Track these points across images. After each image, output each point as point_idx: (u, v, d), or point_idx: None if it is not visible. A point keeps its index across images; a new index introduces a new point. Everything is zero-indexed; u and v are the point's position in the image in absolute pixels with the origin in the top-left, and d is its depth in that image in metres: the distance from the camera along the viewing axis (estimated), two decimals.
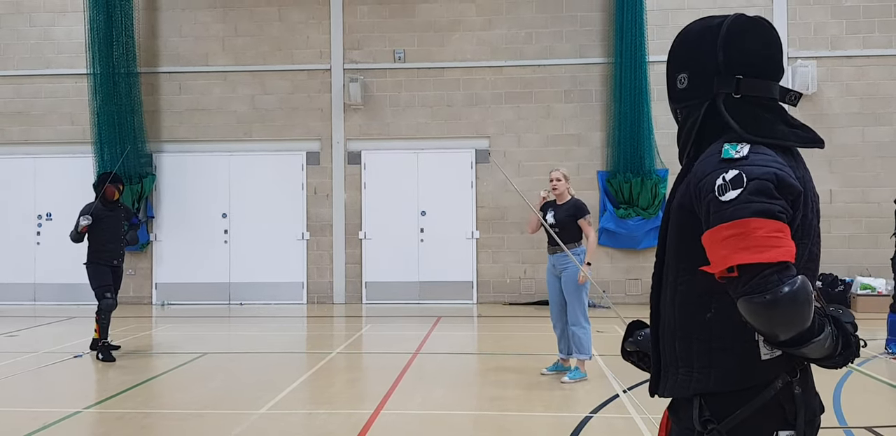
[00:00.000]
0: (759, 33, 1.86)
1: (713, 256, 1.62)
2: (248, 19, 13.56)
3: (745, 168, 1.65)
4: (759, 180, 1.63)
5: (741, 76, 1.81)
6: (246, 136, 13.52)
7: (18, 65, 13.81)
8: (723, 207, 1.62)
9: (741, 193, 1.62)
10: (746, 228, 1.58)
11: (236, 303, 13.35)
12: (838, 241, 12.66)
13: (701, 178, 1.72)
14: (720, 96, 1.82)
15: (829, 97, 12.77)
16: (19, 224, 13.62)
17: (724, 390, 1.70)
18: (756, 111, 1.79)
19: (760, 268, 1.56)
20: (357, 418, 5.44)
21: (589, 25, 13.15)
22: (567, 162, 12.97)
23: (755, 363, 1.69)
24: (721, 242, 1.61)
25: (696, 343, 1.75)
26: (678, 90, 1.90)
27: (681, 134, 1.91)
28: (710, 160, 1.73)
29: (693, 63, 1.87)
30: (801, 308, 1.56)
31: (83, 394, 6.33)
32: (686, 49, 1.91)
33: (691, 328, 1.77)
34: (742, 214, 1.60)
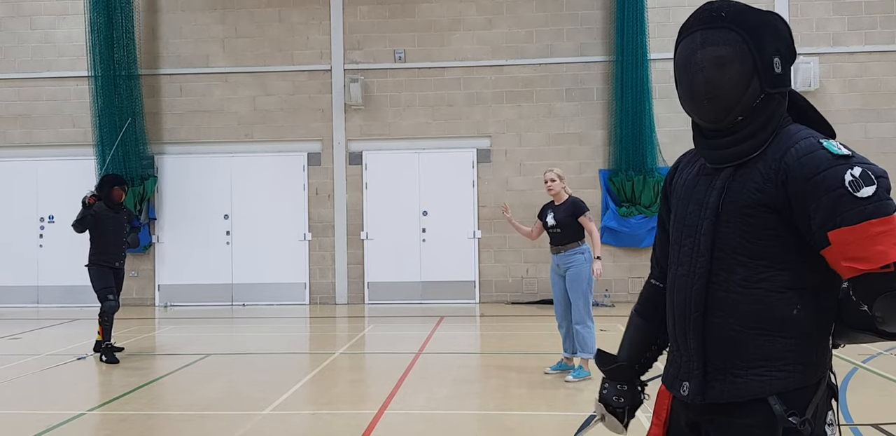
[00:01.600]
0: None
1: (865, 253, 1.59)
2: (248, 20, 13.56)
3: (867, 166, 1.66)
4: (882, 178, 1.65)
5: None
6: (247, 137, 13.51)
7: (19, 68, 13.81)
8: (862, 203, 1.60)
9: (877, 189, 1.62)
10: (894, 225, 1.60)
11: (239, 304, 13.34)
12: None
13: (814, 173, 1.66)
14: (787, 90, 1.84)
15: (831, 93, 12.74)
16: (21, 227, 13.63)
17: (802, 385, 1.72)
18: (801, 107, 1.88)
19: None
20: (361, 419, 5.43)
21: (589, 24, 13.13)
22: (568, 161, 12.97)
23: (827, 355, 1.76)
24: (874, 238, 1.59)
25: (780, 340, 1.72)
26: (776, 75, 1.78)
27: (748, 122, 1.78)
28: (817, 156, 1.69)
29: (783, 50, 1.80)
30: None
31: (87, 396, 6.33)
32: (777, 35, 1.80)
33: (773, 325, 1.73)
34: (887, 211, 1.60)
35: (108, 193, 8.03)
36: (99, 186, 8.22)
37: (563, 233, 6.71)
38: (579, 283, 6.60)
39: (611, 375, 2.10)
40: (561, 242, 6.74)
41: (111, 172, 13.14)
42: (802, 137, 1.73)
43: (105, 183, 8.15)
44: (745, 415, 1.75)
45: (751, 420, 1.74)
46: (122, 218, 8.17)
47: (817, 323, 1.72)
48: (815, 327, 1.73)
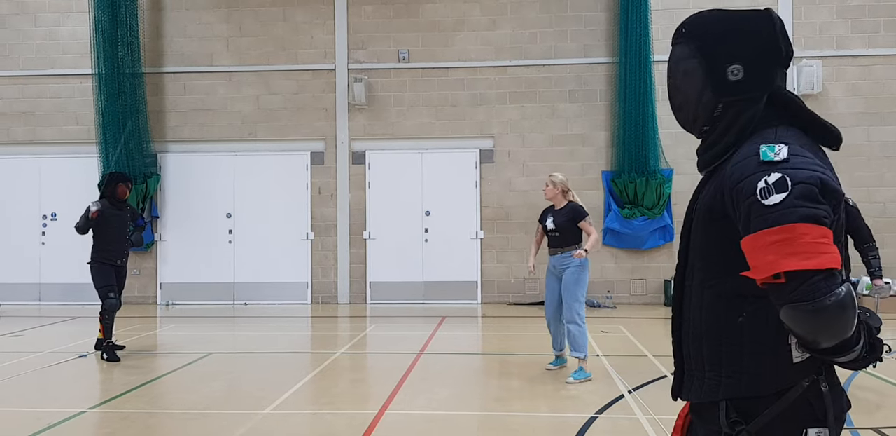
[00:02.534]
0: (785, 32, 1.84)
1: (757, 261, 1.56)
2: (252, 19, 13.58)
3: (789, 171, 1.60)
4: (804, 184, 1.58)
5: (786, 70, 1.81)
6: (250, 136, 13.53)
7: (23, 65, 13.84)
8: (767, 211, 1.57)
9: (786, 197, 1.56)
10: (793, 234, 1.53)
11: (241, 303, 13.36)
12: None
13: (738, 180, 1.66)
14: (778, 90, 1.78)
15: (834, 97, 12.74)
16: (24, 224, 13.65)
17: (754, 394, 1.68)
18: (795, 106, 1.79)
19: (809, 275, 1.51)
20: (362, 419, 5.43)
21: (593, 25, 13.14)
22: (571, 162, 12.97)
23: (787, 366, 1.67)
24: (766, 248, 1.55)
25: (727, 347, 1.73)
26: (729, 82, 1.76)
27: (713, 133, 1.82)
28: (747, 163, 1.67)
29: (751, 54, 1.76)
30: (846, 317, 1.52)
31: (88, 394, 6.34)
32: (739, 38, 1.77)
33: (721, 332, 1.74)
34: (788, 219, 1.54)
35: (113, 189, 7.98)
36: (104, 183, 8.20)
37: (561, 236, 6.91)
38: (574, 284, 6.75)
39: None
40: (559, 245, 6.93)
41: (115, 170, 13.25)
42: (754, 142, 1.71)
43: (110, 180, 8.10)
44: (707, 417, 1.77)
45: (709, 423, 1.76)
46: (126, 215, 8.13)
47: (765, 332, 1.68)
48: (763, 336, 1.68)
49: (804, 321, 1.52)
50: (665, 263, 12.84)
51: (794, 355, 1.66)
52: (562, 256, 6.87)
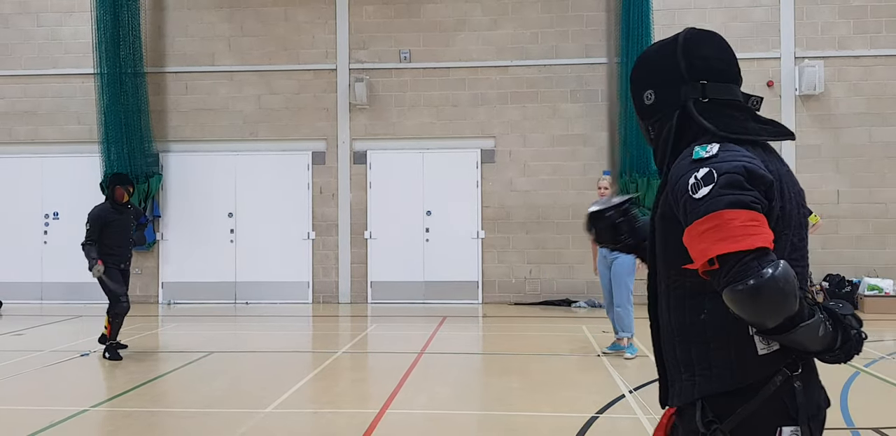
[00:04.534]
0: (714, 41, 1.95)
1: (693, 252, 1.62)
2: (254, 19, 13.59)
3: (715, 165, 1.68)
4: (728, 174, 1.65)
5: (705, 81, 1.87)
6: (252, 135, 13.54)
7: (25, 65, 13.85)
8: (697, 204, 1.64)
9: (713, 188, 1.64)
10: (721, 220, 1.59)
11: (242, 302, 13.37)
12: (845, 241, 12.62)
13: (676, 181, 1.75)
14: (689, 102, 1.87)
15: (836, 97, 12.74)
16: (26, 223, 13.67)
17: (726, 389, 1.71)
18: (726, 112, 1.85)
19: (740, 256, 1.55)
20: (363, 418, 5.44)
21: (594, 25, 13.14)
22: (573, 162, 12.98)
23: (753, 359, 1.69)
24: (699, 237, 1.61)
25: (695, 346, 1.77)
26: (646, 107, 1.94)
27: (657, 149, 1.95)
28: (682, 163, 1.77)
29: (657, 78, 1.92)
30: (784, 291, 1.54)
31: (90, 392, 6.35)
32: (648, 67, 1.96)
33: (688, 332, 1.79)
34: (717, 207, 1.61)
35: (112, 192, 7.94)
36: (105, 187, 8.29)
37: None
38: (622, 272, 7.50)
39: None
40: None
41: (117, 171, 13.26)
42: (693, 145, 1.80)
43: (110, 182, 8.09)
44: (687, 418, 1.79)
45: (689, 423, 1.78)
46: (129, 218, 8.05)
47: (726, 327, 1.71)
48: (724, 331, 1.72)
49: (744, 301, 1.54)
50: None
51: (758, 347, 1.68)
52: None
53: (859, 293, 11.96)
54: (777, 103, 12.78)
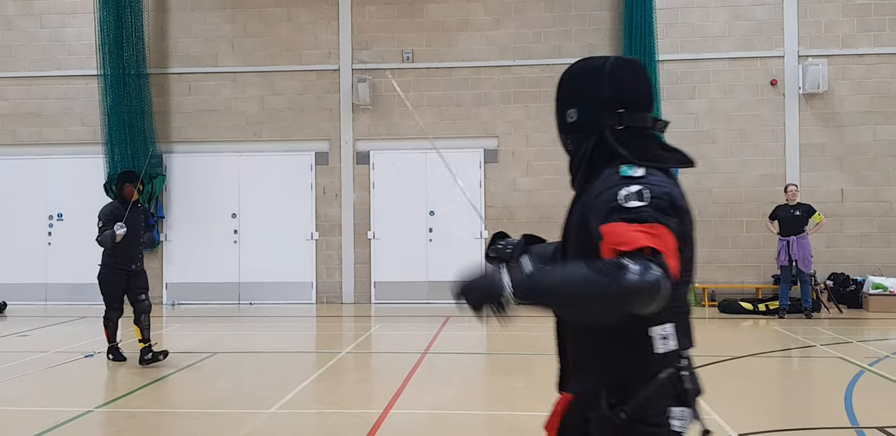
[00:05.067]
0: (636, 72, 2.11)
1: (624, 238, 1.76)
2: (256, 20, 13.60)
3: (647, 185, 1.86)
4: (658, 199, 1.84)
5: (623, 110, 2.04)
6: (255, 136, 13.55)
7: (29, 66, 13.88)
8: (628, 211, 1.81)
9: (644, 205, 1.82)
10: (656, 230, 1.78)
11: (246, 303, 13.38)
12: (850, 240, 12.60)
13: (600, 193, 1.91)
14: (607, 129, 2.04)
15: (840, 96, 12.71)
16: (31, 225, 13.70)
17: (627, 380, 1.94)
18: (638, 140, 2.03)
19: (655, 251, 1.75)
20: (366, 418, 5.44)
21: (597, 24, 13.13)
22: None
23: (651, 356, 1.94)
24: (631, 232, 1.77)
25: (602, 343, 1.97)
26: (568, 123, 2.11)
27: (573, 162, 2.13)
28: (609, 179, 1.93)
29: (581, 99, 2.08)
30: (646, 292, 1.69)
31: (94, 393, 6.36)
32: (575, 87, 2.12)
33: (596, 330, 1.96)
34: (646, 220, 1.79)
35: (120, 190, 7.68)
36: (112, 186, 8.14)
37: None
38: None
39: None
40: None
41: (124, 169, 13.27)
42: (614, 165, 1.97)
43: (117, 180, 7.85)
44: (591, 404, 1.98)
45: (593, 408, 1.98)
46: (139, 217, 7.72)
47: (631, 330, 1.91)
48: (630, 333, 1.93)
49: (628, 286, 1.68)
50: None
51: (657, 346, 1.94)
52: None
53: (864, 292, 11.93)
54: (781, 102, 12.76)
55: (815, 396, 6.46)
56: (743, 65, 12.86)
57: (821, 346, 8.56)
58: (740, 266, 12.79)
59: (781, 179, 12.56)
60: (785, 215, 11.19)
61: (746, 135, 12.84)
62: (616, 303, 1.69)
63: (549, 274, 1.83)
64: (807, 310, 11.09)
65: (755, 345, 8.75)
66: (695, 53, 12.94)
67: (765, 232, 12.16)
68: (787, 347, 8.75)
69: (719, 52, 12.89)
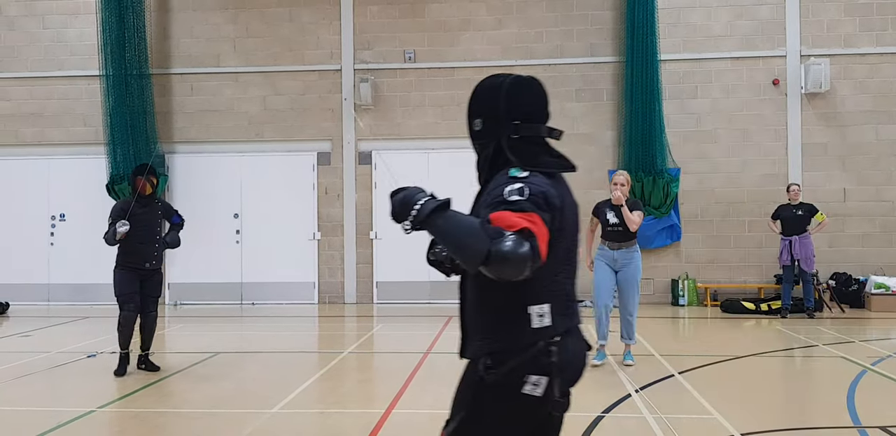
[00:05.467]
0: (532, 88, 2.46)
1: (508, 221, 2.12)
2: (259, 20, 13.61)
3: (528, 184, 2.24)
4: (534, 195, 2.21)
5: (518, 122, 2.40)
6: (257, 136, 13.56)
7: (32, 66, 13.90)
8: (510, 203, 2.19)
9: (522, 200, 2.19)
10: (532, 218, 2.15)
11: (248, 303, 13.39)
12: (852, 240, 12.58)
13: (493, 189, 2.30)
14: (504, 137, 2.40)
15: (842, 95, 12.70)
16: (33, 225, 13.72)
17: (504, 349, 2.30)
18: (528, 148, 2.40)
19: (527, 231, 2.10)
20: (369, 418, 5.44)
21: (600, 24, 13.12)
22: (578, 161, 12.79)
23: (527, 330, 2.30)
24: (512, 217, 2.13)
25: (488, 317, 2.37)
26: (475, 131, 2.48)
27: (478, 163, 2.50)
28: (500, 178, 2.32)
29: (485, 112, 2.44)
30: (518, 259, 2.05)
31: (97, 393, 6.37)
32: (479, 101, 2.47)
33: (484, 306, 2.39)
34: (524, 209, 2.16)
35: (133, 183, 7.13)
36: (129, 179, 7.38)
37: (624, 231, 7.23)
38: (637, 278, 7.28)
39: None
40: (623, 239, 7.25)
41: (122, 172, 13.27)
42: (509, 167, 2.36)
43: (132, 174, 7.25)
44: (474, 368, 2.41)
45: (474, 371, 2.39)
46: (155, 213, 7.20)
47: (513, 308, 2.31)
48: (511, 310, 2.31)
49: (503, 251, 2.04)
50: (672, 263, 12.81)
51: (534, 322, 2.31)
52: (626, 250, 7.23)
53: (866, 291, 11.92)
54: (783, 101, 12.75)
55: (817, 395, 6.45)
56: (745, 64, 12.85)
57: (823, 345, 8.55)
58: (742, 266, 12.78)
59: (784, 179, 12.55)
60: (787, 215, 11.18)
61: (748, 134, 12.83)
62: (478, 257, 2.05)
63: (453, 215, 2.20)
64: (809, 310, 11.08)
65: (757, 345, 8.74)
66: (697, 53, 12.93)
67: (767, 232, 12.15)
68: (789, 346, 8.74)
69: (721, 51, 12.88)
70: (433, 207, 2.22)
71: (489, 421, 2.36)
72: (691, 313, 11.79)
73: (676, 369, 7.11)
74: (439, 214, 2.22)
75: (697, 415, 5.48)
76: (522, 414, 2.34)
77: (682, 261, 12.84)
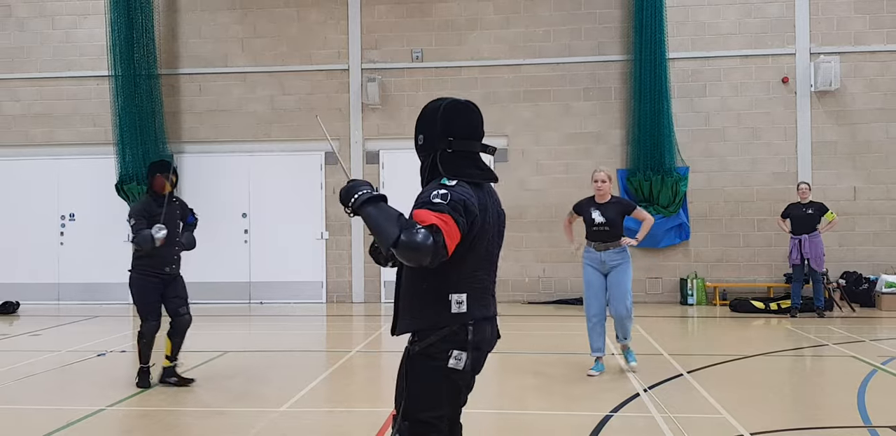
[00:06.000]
0: (465, 111, 2.92)
1: (422, 217, 2.61)
2: (266, 20, 13.63)
3: (451, 191, 2.70)
4: (455, 201, 2.66)
5: (452, 139, 2.85)
6: (265, 136, 13.59)
7: (41, 67, 13.96)
8: (433, 205, 2.64)
9: (443, 204, 2.64)
10: (444, 218, 2.60)
11: (256, 302, 13.42)
12: (862, 238, 12.52)
13: (422, 193, 2.75)
14: (439, 151, 2.87)
15: (852, 93, 12.63)
16: (43, 225, 13.78)
17: (427, 327, 2.79)
18: (458, 161, 2.86)
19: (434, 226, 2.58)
20: (376, 417, 5.44)
21: (608, 23, 13.09)
22: (586, 160, 12.93)
23: (447, 313, 2.79)
24: (429, 216, 2.60)
25: (416, 300, 2.83)
26: (418, 145, 2.95)
27: (421, 172, 2.96)
28: (433, 184, 2.79)
29: (425, 129, 2.92)
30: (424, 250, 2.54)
31: (106, 392, 6.39)
32: (422, 120, 2.94)
33: (414, 292, 2.84)
34: (441, 211, 2.62)
35: (151, 181, 6.61)
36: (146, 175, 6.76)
37: (611, 231, 6.88)
38: (627, 279, 6.89)
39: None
40: (609, 240, 6.90)
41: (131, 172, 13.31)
42: (441, 177, 2.82)
43: (148, 171, 6.72)
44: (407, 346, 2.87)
45: (406, 345, 2.87)
46: (175, 213, 6.75)
47: (437, 294, 2.79)
48: (436, 296, 2.79)
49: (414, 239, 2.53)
50: (681, 262, 12.77)
51: (452, 308, 2.79)
52: (613, 251, 6.89)
53: (876, 291, 11.85)
54: (792, 100, 12.70)
55: (827, 395, 6.42)
56: (754, 62, 12.79)
57: (833, 345, 8.51)
58: (752, 265, 12.73)
59: (793, 177, 12.49)
60: (797, 214, 11.12)
61: (758, 133, 12.78)
62: (390, 241, 2.55)
63: (382, 206, 2.68)
64: (819, 309, 11.03)
65: (767, 344, 8.71)
66: (705, 51, 12.89)
67: (776, 230, 12.10)
68: (799, 346, 8.70)
69: (730, 49, 12.83)
70: (366, 198, 2.70)
71: (417, 387, 2.81)
72: (700, 313, 11.75)
73: (685, 368, 7.08)
74: (371, 204, 2.69)
75: (706, 414, 5.46)
76: (444, 381, 2.81)
77: (690, 260, 12.79)
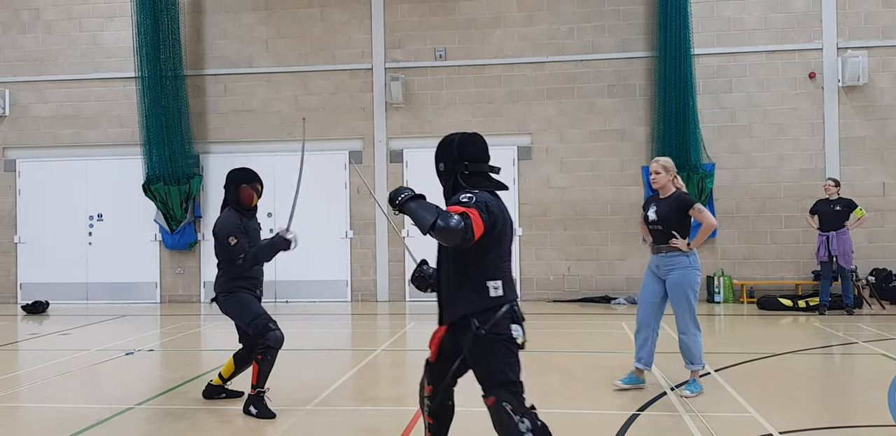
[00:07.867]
0: (472, 141, 3.69)
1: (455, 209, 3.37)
2: (290, 21, 13.71)
3: (475, 196, 3.48)
4: (478, 201, 3.44)
5: (468, 162, 3.64)
6: (289, 136, 13.67)
7: (69, 69, 14.15)
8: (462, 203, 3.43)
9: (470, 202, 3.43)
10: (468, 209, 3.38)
11: (282, 301, 13.51)
12: (892, 235, 12.34)
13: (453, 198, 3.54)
14: (458, 174, 3.65)
15: (881, 88, 12.45)
16: (72, 225, 13.97)
17: (480, 310, 3.51)
18: (474, 178, 3.65)
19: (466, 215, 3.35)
20: (402, 415, 5.46)
21: (632, 19, 13.01)
22: (611, 157, 12.87)
23: (489, 297, 3.53)
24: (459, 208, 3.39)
25: (463, 288, 3.57)
26: (440, 171, 3.73)
27: (444, 191, 3.72)
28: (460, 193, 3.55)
29: (445, 158, 3.70)
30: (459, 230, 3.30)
31: (135, 391, 6.46)
32: (441, 151, 3.72)
33: (462, 280, 3.57)
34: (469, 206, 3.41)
35: (237, 193, 5.87)
36: (225, 186, 5.98)
37: (664, 230, 6.07)
38: (683, 288, 5.93)
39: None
40: (662, 241, 6.08)
41: (159, 172, 13.44)
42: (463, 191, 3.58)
43: (230, 181, 5.90)
44: (462, 328, 3.59)
45: (464, 330, 3.57)
46: (258, 227, 6.19)
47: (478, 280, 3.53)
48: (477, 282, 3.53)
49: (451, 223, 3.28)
50: (707, 259, 12.66)
51: (491, 293, 3.53)
52: (666, 255, 6.02)
53: None
54: (819, 95, 12.54)
55: (857, 393, 6.34)
56: (780, 58, 12.65)
57: (863, 343, 8.40)
58: (779, 262, 12.61)
59: (821, 174, 12.35)
60: (824, 210, 10.98)
61: (784, 129, 12.64)
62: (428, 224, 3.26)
63: (422, 202, 3.41)
64: (848, 306, 10.89)
65: (795, 342, 8.61)
66: (731, 47, 12.77)
67: (804, 227, 11.96)
68: (828, 344, 8.60)
69: (756, 45, 12.70)
70: (409, 196, 3.44)
71: (497, 358, 3.56)
72: (727, 311, 11.65)
73: (713, 366, 7.02)
74: (413, 201, 3.41)
75: (734, 413, 5.42)
76: (514, 348, 3.60)
77: (717, 257, 12.69)
